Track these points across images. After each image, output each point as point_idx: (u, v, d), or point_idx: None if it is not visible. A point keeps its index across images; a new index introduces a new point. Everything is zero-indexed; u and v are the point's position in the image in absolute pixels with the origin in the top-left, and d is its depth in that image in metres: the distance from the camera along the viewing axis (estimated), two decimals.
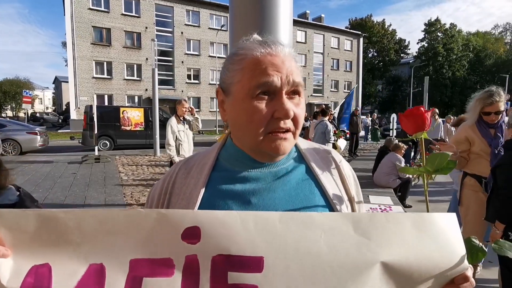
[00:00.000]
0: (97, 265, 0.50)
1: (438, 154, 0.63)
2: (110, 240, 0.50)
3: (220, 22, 28.08)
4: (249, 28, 1.16)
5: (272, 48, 0.61)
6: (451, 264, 0.50)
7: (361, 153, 11.99)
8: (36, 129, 11.46)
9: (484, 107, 2.42)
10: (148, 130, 12.63)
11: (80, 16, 22.81)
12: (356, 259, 0.49)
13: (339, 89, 36.51)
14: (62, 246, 0.50)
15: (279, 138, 0.60)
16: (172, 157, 4.51)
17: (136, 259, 0.50)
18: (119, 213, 0.51)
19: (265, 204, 0.62)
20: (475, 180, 2.50)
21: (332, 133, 5.92)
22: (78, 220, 0.50)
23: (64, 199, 5.39)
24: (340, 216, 0.52)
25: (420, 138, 0.69)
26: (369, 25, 43.19)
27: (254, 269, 0.48)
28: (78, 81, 23.01)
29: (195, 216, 0.51)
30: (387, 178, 5.08)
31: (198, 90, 27.75)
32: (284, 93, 0.59)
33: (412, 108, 0.70)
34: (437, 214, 0.52)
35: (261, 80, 0.58)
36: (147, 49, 24.51)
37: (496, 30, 49.76)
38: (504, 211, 2.02)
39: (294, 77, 0.60)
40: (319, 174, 0.68)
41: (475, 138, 2.49)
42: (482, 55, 43.01)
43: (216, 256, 0.49)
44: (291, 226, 0.50)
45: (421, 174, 0.66)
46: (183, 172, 0.69)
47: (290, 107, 0.59)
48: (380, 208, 3.25)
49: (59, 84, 50.20)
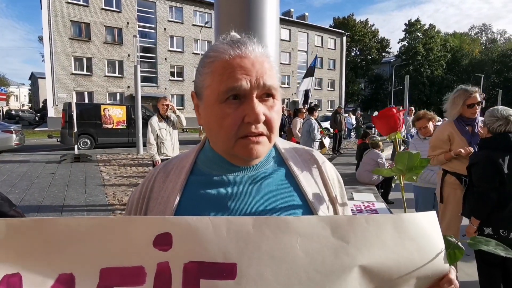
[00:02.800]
0: (67, 275, 0.48)
1: (407, 153, 0.62)
2: (80, 248, 0.49)
3: (204, 18, 27.80)
4: (235, 25, 1.14)
5: (242, 50, 0.58)
6: (432, 264, 0.50)
7: (345, 150, 12.19)
8: (11, 127, 11.04)
9: (466, 100, 2.53)
10: (131, 128, 12.35)
11: (57, 10, 21.99)
12: (333, 263, 0.48)
13: (323, 87, 36.93)
14: (32, 255, 0.48)
15: (252, 142, 0.58)
16: (152, 156, 4.44)
17: (107, 268, 0.49)
18: (89, 221, 0.50)
19: (242, 209, 0.61)
20: (455, 178, 2.58)
21: (316, 131, 5.95)
22: (48, 229, 0.49)
23: (42, 200, 5.19)
24: (318, 220, 0.51)
25: (394, 139, 0.68)
26: (352, 24, 43.88)
27: (227, 276, 0.47)
28: (56, 77, 22.22)
29: (166, 222, 0.50)
30: (370, 175, 5.18)
31: (181, 88, 27.38)
32: (255, 96, 0.57)
33: (384, 109, 0.69)
34: (417, 214, 0.52)
35: (229, 85, 0.56)
36: (129, 45, 23.94)
37: (472, 31, 51.69)
38: (478, 207, 2.10)
39: (265, 79, 0.57)
40: (300, 177, 0.66)
41: (455, 136, 2.57)
42: (459, 55, 44.60)
43: (188, 263, 0.48)
44: (265, 231, 0.49)
45: (395, 174, 0.65)
46: (161, 176, 0.68)
47: (261, 111, 0.57)
48: (363, 204, 3.31)
49: (36, 81, 48.33)
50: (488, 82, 41.83)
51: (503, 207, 2.04)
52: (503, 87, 38.43)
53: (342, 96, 38.68)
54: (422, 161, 0.62)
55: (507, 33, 50.43)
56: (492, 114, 2.15)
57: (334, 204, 0.69)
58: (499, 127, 2.10)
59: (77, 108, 9.99)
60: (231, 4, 1.13)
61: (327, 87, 37.46)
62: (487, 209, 2.06)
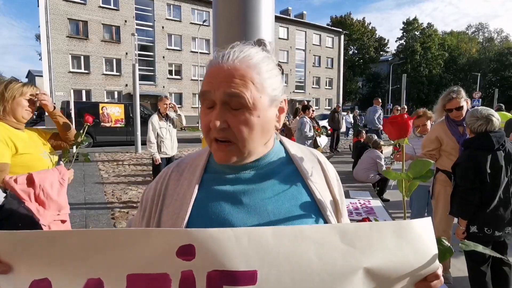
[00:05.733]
0: (95, 280, 0.52)
1: (422, 161, 0.66)
2: (106, 257, 0.52)
3: (202, 17, 27.71)
4: (232, 23, 1.17)
5: (219, 59, 0.62)
6: (426, 264, 0.57)
7: (342, 149, 12.24)
8: None
9: (445, 104, 2.62)
10: (129, 127, 12.34)
11: (55, 7, 21.86)
12: (342, 266, 0.54)
13: (321, 86, 36.98)
14: (59, 263, 0.52)
15: (219, 148, 0.63)
16: (153, 154, 4.47)
17: (133, 274, 0.52)
18: (114, 232, 0.53)
19: (255, 204, 0.65)
20: (446, 176, 2.65)
21: (307, 129, 5.94)
22: (75, 239, 0.52)
23: None
24: (329, 228, 0.56)
25: (402, 145, 0.71)
26: (349, 22, 43.90)
27: (248, 282, 0.51)
28: (54, 75, 22.13)
29: (189, 234, 0.52)
30: (367, 174, 5.23)
31: (180, 86, 27.34)
32: (220, 103, 0.60)
33: (397, 115, 0.71)
34: (414, 221, 0.58)
35: (202, 90, 0.63)
36: (127, 43, 23.86)
37: (469, 30, 51.84)
38: (462, 207, 2.15)
39: (232, 89, 0.59)
40: (306, 175, 0.71)
41: (445, 136, 2.64)
42: (456, 54, 44.75)
43: (211, 272, 0.51)
44: (283, 240, 0.53)
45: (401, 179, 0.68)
46: (175, 174, 0.72)
47: (222, 119, 0.59)
48: (359, 202, 3.35)
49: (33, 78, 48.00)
50: (485, 80, 42.02)
51: (486, 205, 2.08)
52: (500, 85, 38.63)
53: (340, 95, 38.73)
54: (428, 171, 0.65)
55: (504, 32, 50.70)
56: (472, 114, 2.19)
57: (335, 200, 0.75)
58: (480, 127, 2.13)
59: (75, 106, 9.98)
60: (229, 2, 1.17)
61: (325, 86, 37.49)
62: (470, 208, 2.11)
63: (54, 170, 1.76)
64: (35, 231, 0.53)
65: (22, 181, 1.55)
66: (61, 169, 1.82)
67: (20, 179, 1.54)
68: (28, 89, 1.70)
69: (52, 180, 1.68)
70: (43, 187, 1.60)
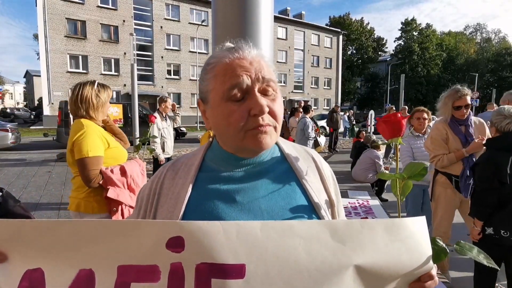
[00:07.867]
0: (87, 270, 0.53)
1: (416, 163, 0.66)
2: (97, 248, 0.53)
3: (201, 17, 27.68)
4: (231, 24, 1.17)
5: (240, 53, 0.64)
6: (418, 264, 0.56)
7: (340, 148, 12.26)
8: (7, 125, 10.93)
9: (455, 102, 2.55)
10: (127, 127, 12.28)
11: (53, 7, 21.79)
12: (331, 263, 0.53)
13: (319, 86, 37.01)
14: (52, 253, 0.53)
15: (260, 132, 0.62)
16: (158, 155, 4.49)
17: (124, 265, 0.53)
18: (104, 223, 0.54)
19: (249, 202, 0.65)
20: (446, 178, 2.63)
21: (310, 130, 5.97)
22: (67, 230, 0.53)
23: (39, 199, 5.20)
24: (319, 224, 0.56)
25: (395, 143, 0.71)
26: (348, 23, 43.95)
27: (236, 275, 0.51)
28: (52, 75, 22.04)
29: (178, 226, 0.53)
30: (366, 174, 5.24)
31: (178, 86, 27.30)
32: (257, 90, 0.62)
33: (390, 113, 0.71)
34: (407, 219, 0.57)
35: (232, 82, 0.62)
36: (125, 43, 23.80)
37: (467, 30, 51.98)
38: (479, 208, 2.09)
39: (264, 73, 0.63)
40: (301, 174, 0.71)
41: (449, 136, 2.59)
42: (454, 54, 44.88)
43: (200, 264, 0.52)
44: (271, 234, 0.53)
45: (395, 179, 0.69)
46: (170, 173, 0.72)
47: (264, 103, 0.62)
48: (358, 202, 3.36)
49: (31, 78, 47.82)
50: (482, 81, 42.16)
51: (503, 207, 2.00)
52: (497, 86, 38.74)
53: (338, 95, 38.77)
54: (422, 170, 0.66)
55: (501, 32, 50.85)
56: (499, 112, 2.10)
57: (330, 199, 0.74)
58: (508, 125, 2.05)
59: None
60: (228, 2, 1.17)
61: (324, 86, 37.53)
62: (487, 209, 2.02)
63: (135, 162, 2.00)
64: (29, 220, 0.53)
65: (117, 172, 1.79)
66: (139, 161, 2.08)
67: (115, 170, 1.78)
68: (111, 92, 2.01)
69: (137, 171, 1.92)
70: (133, 177, 1.84)
